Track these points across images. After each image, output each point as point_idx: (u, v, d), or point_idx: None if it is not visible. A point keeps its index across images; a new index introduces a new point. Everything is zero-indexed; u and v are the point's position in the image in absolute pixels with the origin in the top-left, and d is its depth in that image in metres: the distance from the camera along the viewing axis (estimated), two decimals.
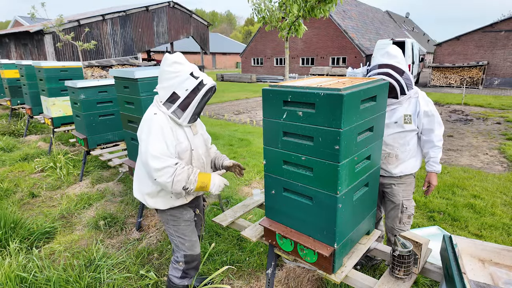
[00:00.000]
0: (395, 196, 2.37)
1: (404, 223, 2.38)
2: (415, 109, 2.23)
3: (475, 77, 17.81)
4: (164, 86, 1.87)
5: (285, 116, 1.66)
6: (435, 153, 2.28)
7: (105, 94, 4.19)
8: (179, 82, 1.84)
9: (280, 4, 5.86)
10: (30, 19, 20.96)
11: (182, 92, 1.85)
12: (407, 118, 2.22)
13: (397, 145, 2.28)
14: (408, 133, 2.26)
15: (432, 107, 2.23)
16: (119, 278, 2.55)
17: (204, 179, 1.92)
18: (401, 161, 2.31)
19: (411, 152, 2.31)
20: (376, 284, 1.71)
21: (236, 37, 71.45)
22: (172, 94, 1.85)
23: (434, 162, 2.31)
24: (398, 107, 2.23)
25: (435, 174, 2.35)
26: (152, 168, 1.78)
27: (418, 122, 2.24)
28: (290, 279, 2.55)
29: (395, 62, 2.15)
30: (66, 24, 13.10)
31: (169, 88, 1.85)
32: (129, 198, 3.99)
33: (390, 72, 2.13)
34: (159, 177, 1.79)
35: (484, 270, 1.61)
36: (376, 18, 30.06)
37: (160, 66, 1.91)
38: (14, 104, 7.64)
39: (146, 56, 24.80)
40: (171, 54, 1.87)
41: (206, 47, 23.45)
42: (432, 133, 2.25)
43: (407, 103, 2.23)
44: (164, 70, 1.85)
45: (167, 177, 1.79)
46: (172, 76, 1.84)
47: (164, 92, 1.87)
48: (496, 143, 6.74)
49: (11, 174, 4.92)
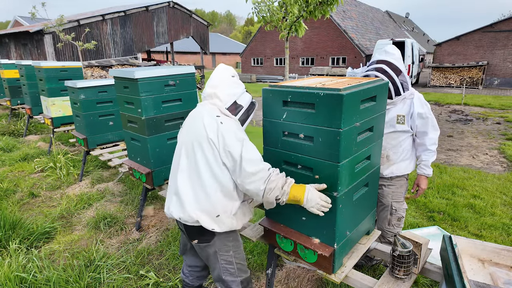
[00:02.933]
0: (385, 198, 2.36)
1: (393, 225, 2.38)
2: (409, 110, 2.19)
3: (475, 77, 17.82)
4: (227, 93, 1.82)
5: (285, 116, 1.67)
6: (427, 156, 2.26)
7: (105, 94, 4.19)
8: (240, 93, 1.86)
9: (280, 4, 5.86)
10: (30, 19, 20.96)
11: (243, 102, 1.87)
12: (400, 118, 2.19)
13: (389, 146, 2.25)
14: (400, 134, 2.23)
15: (427, 109, 2.19)
16: (119, 278, 2.55)
17: (296, 192, 1.62)
18: (392, 162, 2.28)
19: (404, 154, 2.27)
20: (376, 284, 1.71)
21: (236, 37, 71.45)
22: (234, 103, 1.83)
23: (425, 166, 2.29)
24: (392, 108, 2.20)
25: (425, 178, 2.33)
26: (247, 172, 1.57)
27: (412, 123, 2.20)
28: (290, 279, 2.55)
29: (391, 59, 2.13)
30: (66, 24, 13.10)
31: (232, 96, 1.83)
32: (129, 198, 3.99)
33: (385, 68, 2.10)
34: (251, 183, 1.58)
35: (484, 270, 1.61)
36: (376, 18, 30.07)
37: (220, 73, 1.86)
38: (14, 104, 7.64)
39: (146, 56, 24.80)
40: (228, 66, 1.91)
41: (206, 47, 23.44)
42: (425, 136, 2.22)
43: (402, 104, 2.20)
44: (228, 78, 1.85)
45: (261, 183, 1.58)
46: (235, 86, 1.86)
47: (228, 98, 1.81)
48: (496, 143, 6.74)
49: (11, 174, 4.92)
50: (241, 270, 1.84)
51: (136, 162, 3.19)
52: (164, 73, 2.89)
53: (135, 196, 4.00)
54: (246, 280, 1.87)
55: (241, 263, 1.86)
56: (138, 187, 4.23)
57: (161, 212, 3.72)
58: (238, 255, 1.84)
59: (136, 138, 3.05)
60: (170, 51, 23.91)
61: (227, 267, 1.80)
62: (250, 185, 1.59)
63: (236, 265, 1.82)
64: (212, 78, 1.86)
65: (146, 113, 2.82)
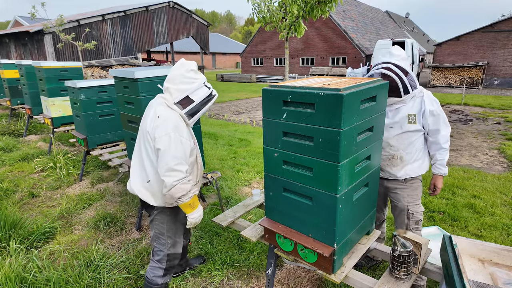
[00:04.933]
0: (400, 202, 2.30)
1: (411, 229, 2.30)
2: (420, 108, 2.14)
3: (475, 77, 17.82)
4: (179, 88, 2.00)
5: (285, 116, 1.67)
6: (442, 155, 2.20)
7: (105, 94, 4.18)
8: (194, 89, 2.02)
9: (280, 4, 5.86)
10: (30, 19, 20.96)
11: (196, 97, 2.03)
12: (411, 117, 2.14)
13: (402, 146, 2.19)
14: (413, 134, 2.17)
15: (438, 106, 2.15)
16: (119, 278, 2.55)
17: (196, 202, 2.04)
18: (406, 163, 2.22)
19: (417, 153, 2.22)
20: (376, 284, 1.71)
21: (236, 37, 71.45)
22: (186, 98, 2.01)
23: (440, 165, 2.22)
24: (402, 106, 2.15)
25: (441, 177, 2.26)
26: (167, 165, 1.86)
27: (424, 122, 2.15)
28: (290, 279, 2.55)
29: (397, 61, 2.10)
30: (66, 24, 13.09)
31: (184, 91, 2.00)
32: (129, 198, 3.99)
33: (392, 67, 2.07)
34: (168, 176, 1.87)
35: (484, 270, 1.61)
36: (376, 18, 30.07)
37: (176, 69, 2.02)
38: (14, 104, 7.64)
39: (146, 56, 24.80)
40: (188, 61, 2.03)
41: (206, 47, 23.45)
42: (438, 134, 2.17)
43: (412, 102, 2.15)
44: (182, 74, 1.99)
45: (174, 180, 1.87)
46: (189, 82, 2.01)
47: (178, 93, 2.00)
48: (496, 143, 6.74)
49: (11, 174, 4.91)
50: (168, 244, 2.17)
51: None
52: (164, 73, 2.89)
53: (135, 196, 4.00)
54: (174, 255, 2.20)
55: (171, 237, 2.17)
56: None
57: None
58: (170, 229, 2.15)
59: (136, 138, 3.04)
60: (170, 51, 23.92)
61: (159, 236, 2.16)
62: (167, 177, 1.87)
63: (167, 238, 2.16)
64: (169, 73, 2.03)
65: None
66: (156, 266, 2.18)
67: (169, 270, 2.23)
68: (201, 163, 2.25)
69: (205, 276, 2.64)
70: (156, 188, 2.02)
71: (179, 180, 1.88)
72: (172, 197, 1.92)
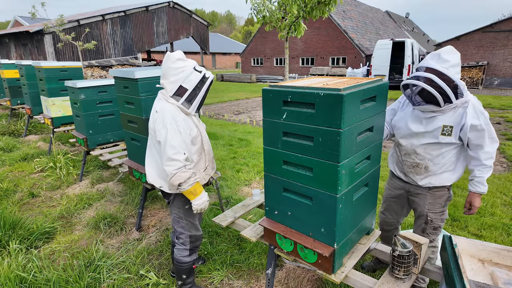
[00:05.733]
0: (420, 207, 2.19)
1: (428, 233, 2.19)
2: (459, 121, 1.91)
3: (475, 77, 17.82)
4: (171, 81, 2.05)
5: (285, 116, 1.67)
6: (481, 172, 1.97)
7: (105, 94, 4.18)
8: (185, 77, 2.04)
9: (280, 4, 5.86)
10: (30, 19, 20.97)
11: (188, 85, 2.05)
12: (446, 129, 1.93)
13: (429, 156, 2.02)
14: (444, 146, 1.98)
15: (484, 120, 1.89)
16: (119, 278, 2.55)
17: (198, 189, 2.09)
18: (431, 173, 2.05)
19: (447, 165, 2.03)
20: (376, 284, 1.71)
21: (236, 37, 71.45)
22: (179, 88, 2.05)
23: (478, 182, 1.99)
24: (439, 116, 1.94)
25: (479, 196, 2.02)
26: (166, 155, 1.96)
27: (462, 135, 1.94)
28: (290, 279, 2.55)
29: (443, 68, 1.83)
30: (66, 24, 13.09)
31: (176, 82, 2.04)
32: (129, 198, 3.99)
33: (435, 79, 1.82)
34: (167, 166, 1.97)
35: (484, 270, 1.61)
36: (376, 18, 30.07)
37: (164, 64, 2.07)
38: (14, 104, 7.64)
39: (146, 56, 24.80)
40: (172, 52, 2.05)
41: (206, 47, 23.46)
42: (480, 150, 1.94)
43: (452, 113, 1.92)
44: (170, 67, 2.03)
45: (174, 168, 1.96)
46: (178, 72, 2.03)
47: (172, 86, 2.05)
48: None
49: (11, 174, 4.91)
50: (190, 227, 2.28)
51: (136, 162, 3.20)
52: None
53: (135, 196, 4.00)
54: (195, 236, 2.31)
55: (190, 220, 2.26)
56: (138, 187, 4.23)
57: (161, 212, 3.72)
58: (186, 212, 2.24)
59: (136, 138, 3.05)
60: (170, 51, 23.89)
61: (179, 220, 2.26)
62: (167, 167, 1.97)
63: (186, 221, 2.25)
64: (161, 69, 2.09)
65: (146, 113, 2.82)
66: (182, 248, 2.30)
67: (193, 250, 2.34)
68: (210, 150, 2.31)
69: (205, 276, 2.64)
70: (166, 176, 2.12)
71: (178, 169, 1.96)
72: (173, 185, 2.01)
